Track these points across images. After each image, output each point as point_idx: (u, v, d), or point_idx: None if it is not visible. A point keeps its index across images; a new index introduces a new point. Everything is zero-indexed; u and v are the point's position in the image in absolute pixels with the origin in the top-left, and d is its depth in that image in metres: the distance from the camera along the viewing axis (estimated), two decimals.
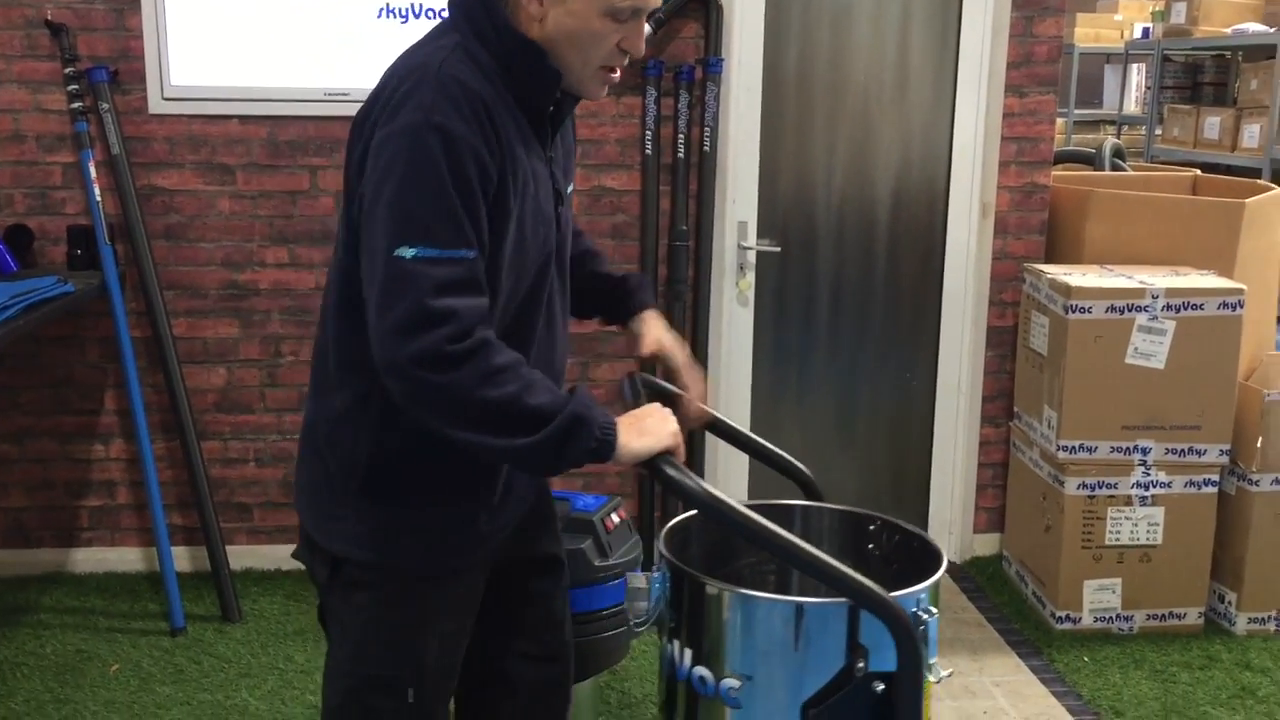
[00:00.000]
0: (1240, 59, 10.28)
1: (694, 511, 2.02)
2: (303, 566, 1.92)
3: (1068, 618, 3.70)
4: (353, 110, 1.80)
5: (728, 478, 4.07)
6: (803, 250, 4.02)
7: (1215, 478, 3.65)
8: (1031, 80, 3.96)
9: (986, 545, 4.23)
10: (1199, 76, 11.10)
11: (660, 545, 1.94)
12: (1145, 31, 11.63)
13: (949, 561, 4.17)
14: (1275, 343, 4.17)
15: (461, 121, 1.60)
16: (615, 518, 2.94)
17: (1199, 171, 4.90)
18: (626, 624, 2.88)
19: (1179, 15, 10.32)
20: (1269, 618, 3.72)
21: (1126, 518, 3.63)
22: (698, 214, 3.86)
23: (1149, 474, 3.60)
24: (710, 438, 3.37)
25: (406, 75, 1.68)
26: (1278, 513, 3.66)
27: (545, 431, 1.61)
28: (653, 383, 2.06)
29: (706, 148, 3.80)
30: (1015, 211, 4.03)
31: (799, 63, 3.92)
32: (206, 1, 3.68)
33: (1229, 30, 9.76)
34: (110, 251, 3.64)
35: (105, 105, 3.65)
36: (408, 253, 1.58)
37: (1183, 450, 3.62)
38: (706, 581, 1.82)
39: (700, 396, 2.08)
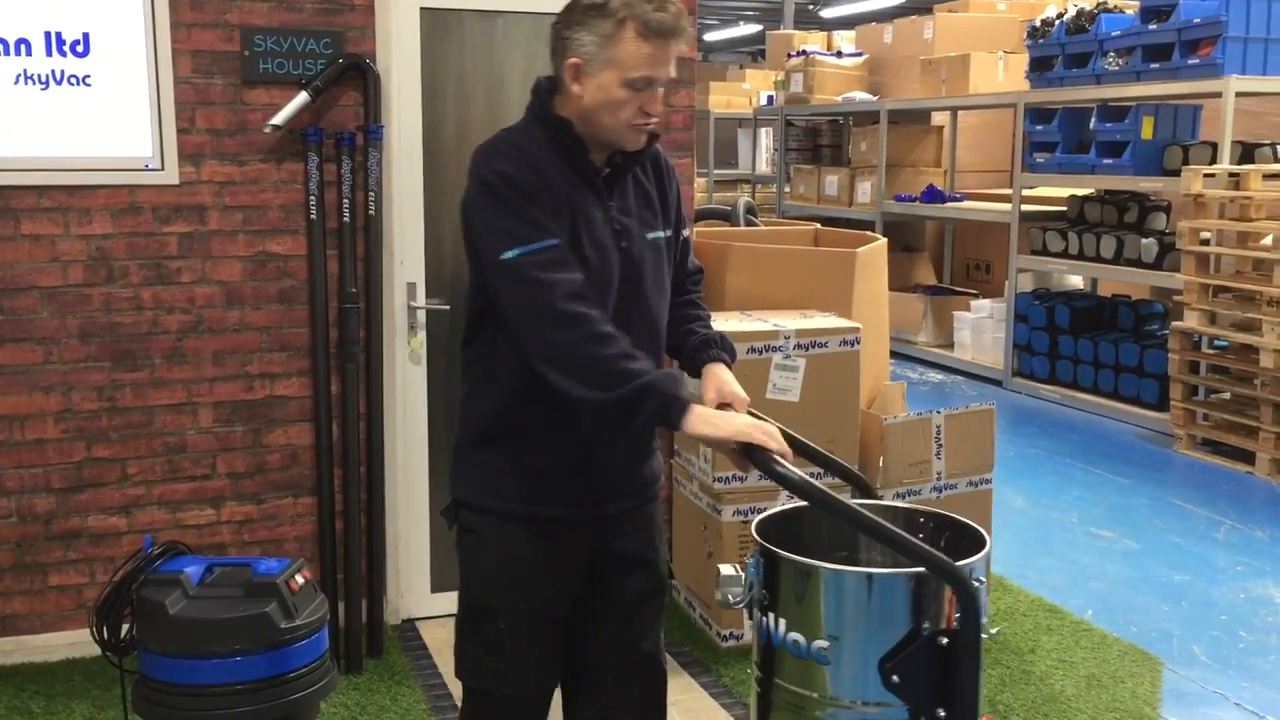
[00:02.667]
0: (851, 124, 11.45)
1: (780, 508, 2.43)
2: None
3: (731, 635, 4.03)
4: None
5: None
6: None
7: (846, 495, 4.09)
8: (670, 146, 4.32)
9: None
10: (818, 139, 12.25)
11: (754, 534, 2.30)
12: (770, 99, 12.74)
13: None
14: (890, 374, 4.73)
15: (510, 164, 2.21)
16: (299, 579, 2.96)
17: (819, 225, 5.49)
18: (317, 684, 2.92)
19: (798, 85, 11.38)
20: None
21: None
22: (366, 276, 3.94)
23: (793, 497, 3.99)
24: None
25: (477, 153, 2.30)
26: None
27: (622, 390, 2.11)
28: None
29: (371, 211, 3.90)
30: None
31: (457, 127, 4.10)
32: None
33: (839, 98, 10.87)
34: None
35: None
36: (509, 254, 2.17)
37: (820, 473, 4.03)
38: (800, 561, 2.18)
39: None
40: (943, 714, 2.13)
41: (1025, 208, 8.61)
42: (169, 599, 2.78)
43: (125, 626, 2.94)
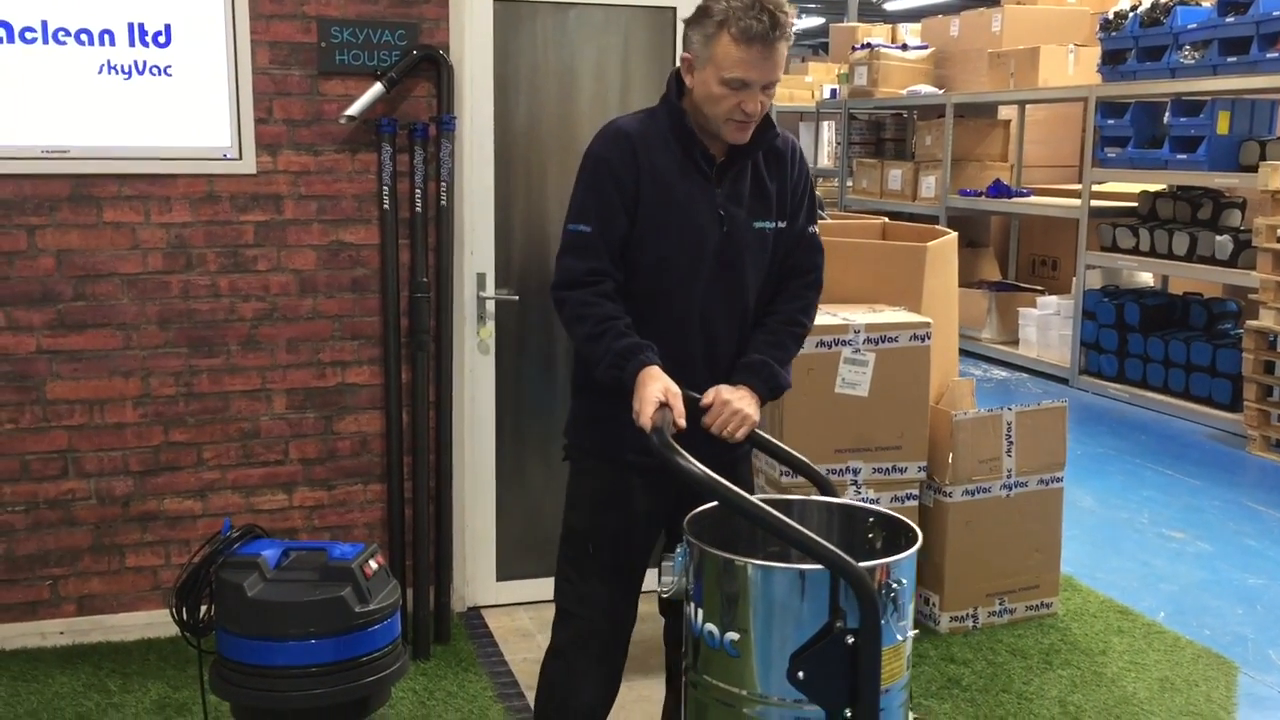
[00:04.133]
0: (915, 117, 11.34)
1: (710, 505, 2.41)
2: None
3: None
4: (73, 168, 1.93)
5: None
6: (539, 299, 4.20)
7: (915, 492, 4.07)
8: None
9: None
10: (882, 133, 12.14)
11: (685, 528, 2.35)
12: (833, 92, 12.64)
13: None
14: (958, 370, 4.69)
15: (602, 145, 2.57)
16: (373, 564, 2.99)
17: (887, 219, 5.44)
18: (389, 668, 2.95)
19: (861, 78, 11.28)
20: (967, 615, 4.16)
21: None
22: (437, 266, 3.97)
23: (860, 491, 3.98)
24: None
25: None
26: (968, 520, 4.12)
27: (588, 349, 2.52)
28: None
29: (443, 202, 3.93)
30: None
31: (528, 119, 4.12)
32: None
33: (904, 92, 10.77)
34: None
35: None
36: (567, 224, 2.58)
37: (887, 469, 4.02)
38: (713, 553, 2.23)
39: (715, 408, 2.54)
40: (849, 714, 2.12)
41: (1094, 203, 8.47)
42: (247, 581, 2.83)
43: (203, 608, 2.99)
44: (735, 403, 2.50)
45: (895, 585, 2.14)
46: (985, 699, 3.64)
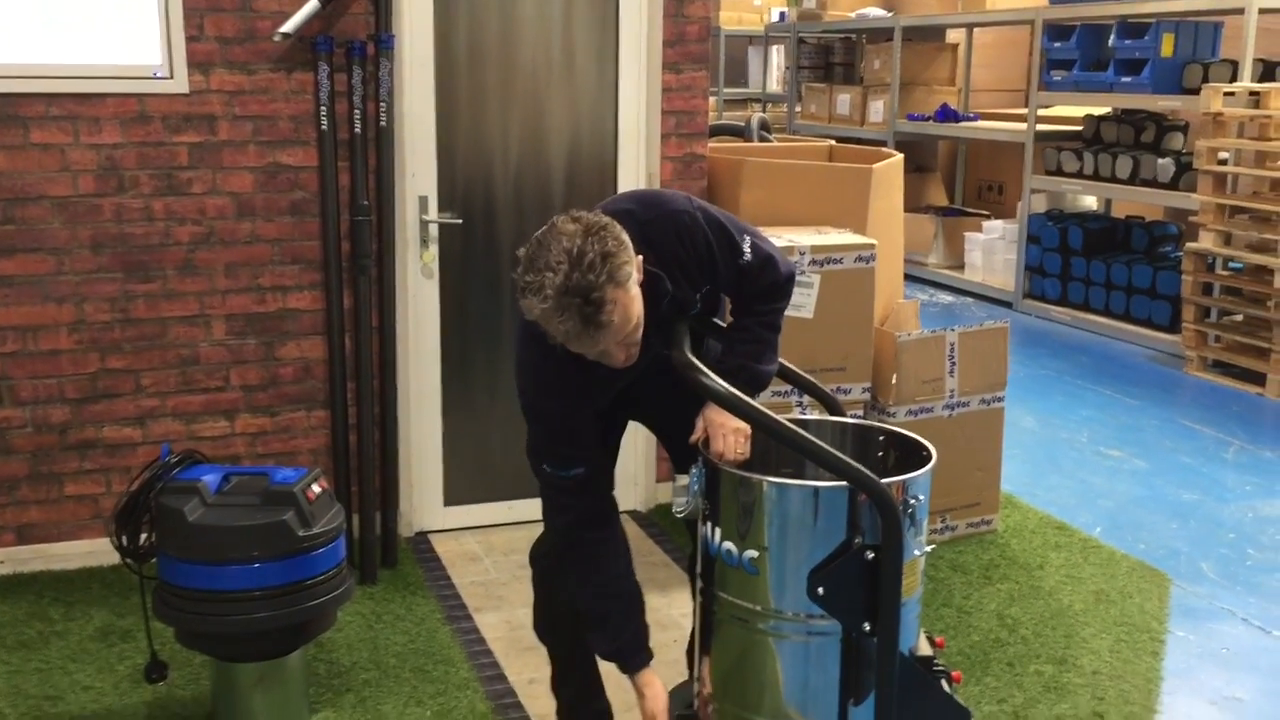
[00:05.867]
0: (864, 41, 11.28)
1: None
2: None
3: None
4: None
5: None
6: (484, 222, 4.16)
7: (860, 412, 4.10)
8: (685, 58, 4.26)
9: (668, 493, 4.54)
10: (830, 57, 12.06)
11: (700, 448, 2.35)
12: (782, 15, 12.51)
13: (636, 510, 4.46)
14: (904, 293, 4.71)
15: (536, 394, 2.41)
16: (316, 488, 2.97)
17: (834, 142, 5.42)
18: (333, 592, 2.95)
19: (811, 0, 11.17)
20: None
21: None
22: (377, 189, 3.90)
23: (805, 412, 4.00)
24: None
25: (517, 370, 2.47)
26: None
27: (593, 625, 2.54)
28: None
29: (383, 123, 3.85)
30: (677, 180, 4.33)
31: (469, 39, 4.03)
32: None
33: (853, 15, 10.69)
34: None
35: None
36: (545, 468, 2.44)
37: (832, 389, 4.03)
38: (730, 472, 2.25)
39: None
40: (868, 628, 2.17)
41: (1040, 127, 8.50)
42: (187, 506, 2.81)
43: (144, 534, 2.96)
44: (727, 421, 2.33)
45: (913, 501, 2.19)
46: (926, 613, 3.71)
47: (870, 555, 2.15)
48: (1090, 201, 9.11)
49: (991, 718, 3.13)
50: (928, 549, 2.30)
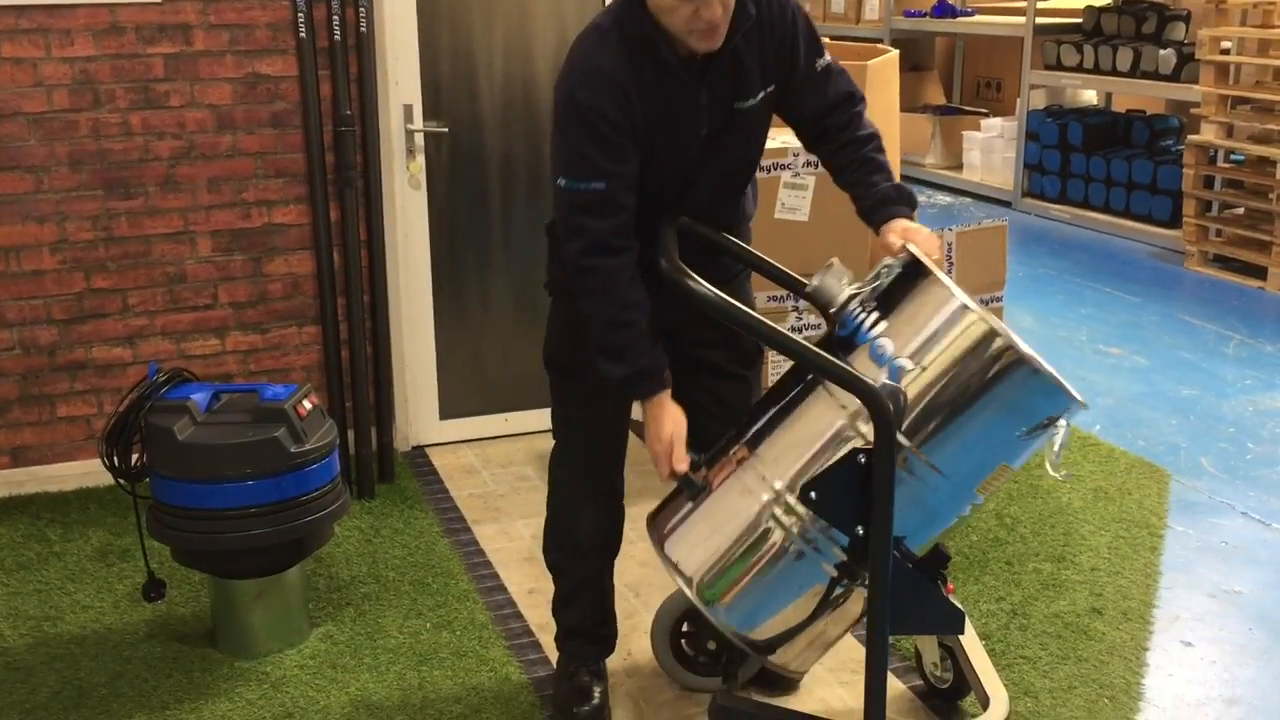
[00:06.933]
0: None
1: None
2: None
3: None
4: None
5: None
6: (471, 130, 4.07)
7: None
8: None
9: None
10: None
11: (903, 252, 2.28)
12: None
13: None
14: None
15: (587, 91, 2.25)
16: (307, 404, 2.95)
17: (829, 40, 5.28)
18: (328, 507, 2.94)
19: None
20: None
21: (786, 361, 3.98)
22: (360, 98, 3.81)
23: (801, 318, 3.96)
24: None
25: (561, 73, 2.35)
26: None
27: (606, 346, 2.37)
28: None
29: (363, 29, 3.74)
30: None
31: None
32: None
33: None
34: None
35: None
36: (560, 182, 2.31)
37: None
38: (947, 290, 2.20)
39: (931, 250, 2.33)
40: (860, 532, 2.16)
41: (1040, 20, 8.31)
42: (177, 425, 2.78)
43: (135, 454, 2.94)
44: (921, 229, 2.33)
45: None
46: None
47: (863, 459, 2.12)
48: (1090, 96, 8.95)
49: (990, 616, 3.14)
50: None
